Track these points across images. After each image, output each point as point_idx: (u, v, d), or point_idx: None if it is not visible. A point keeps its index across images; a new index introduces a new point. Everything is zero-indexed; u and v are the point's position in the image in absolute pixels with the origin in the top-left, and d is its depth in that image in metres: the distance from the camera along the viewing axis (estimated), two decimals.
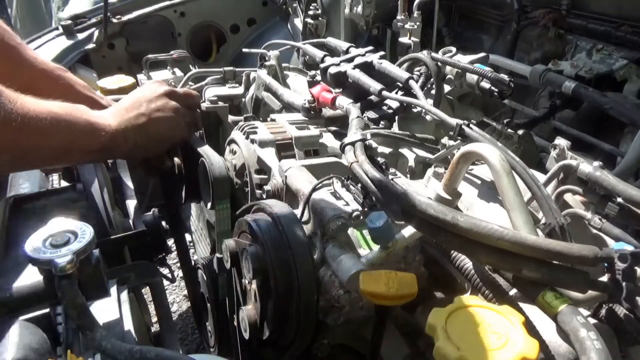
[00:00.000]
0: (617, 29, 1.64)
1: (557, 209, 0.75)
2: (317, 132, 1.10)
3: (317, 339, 0.85)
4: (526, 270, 0.63)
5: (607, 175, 0.80)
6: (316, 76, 1.38)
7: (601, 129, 1.60)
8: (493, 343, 0.53)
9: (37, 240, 0.68)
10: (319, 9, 2.39)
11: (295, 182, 0.90)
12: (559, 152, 0.92)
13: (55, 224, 0.71)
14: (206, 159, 1.08)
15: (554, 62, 1.71)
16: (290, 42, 1.81)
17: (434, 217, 0.67)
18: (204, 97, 1.55)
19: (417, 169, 1.08)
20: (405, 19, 1.90)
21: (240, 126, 1.14)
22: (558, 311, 0.60)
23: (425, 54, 1.27)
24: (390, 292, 0.66)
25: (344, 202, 0.83)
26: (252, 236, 0.82)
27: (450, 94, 1.30)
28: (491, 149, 0.77)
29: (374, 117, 1.19)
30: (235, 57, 2.77)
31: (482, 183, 0.92)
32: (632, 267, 0.59)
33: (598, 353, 0.53)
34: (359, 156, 0.84)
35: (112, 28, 2.46)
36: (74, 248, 0.66)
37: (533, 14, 1.92)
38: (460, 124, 0.99)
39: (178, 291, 2.55)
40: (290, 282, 0.76)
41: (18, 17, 4.38)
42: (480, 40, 2.22)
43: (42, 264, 0.65)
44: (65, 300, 0.64)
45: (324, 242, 0.80)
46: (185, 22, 2.69)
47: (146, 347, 0.61)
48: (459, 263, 0.78)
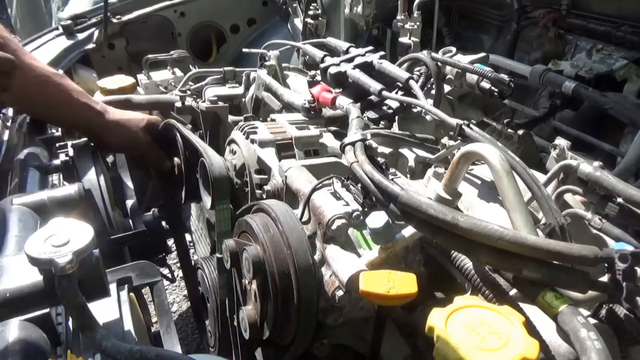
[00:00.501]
0: (617, 29, 1.64)
1: (557, 209, 0.75)
2: (317, 132, 1.10)
3: (317, 339, 0.85)
4: (526, 270, 0.63)
5: (607, 175, 0.80)
6: (316, 76, 1.38)
7: (601, 129, 1.60)
8: (493, 343, 0.53)
9: (37, 240, 0.68)
10: (319, 9, 2.39)
11: (295, 182, 0.90)
12: (559, 152, 0.92)
13: (55, 224, 0.71)
14: (206, 159, 1.08)
15: (554, 62, 1.71)
16: (290, 42, 1.81)
17: (434, 217, 0.67)
18: (204, 97, 1.55)
19: (417, 169, 1.08)
20: (405, 19, 1.90)
21: (240, 126, 1.14)
22: (558, 311, 0.59)
23: (425, 54, 1.27)
24: (390, 292, 0.65)
25: (344, 202, 0.83)
26: (252, 236, 0.82)
27: (450, 94, 1.30)
28: (491, 149, 0.77)
29: (374, 117, 1.19)
30: (235, 57, 2.77)
31: (482, 183, 0.92)
32: (632, 267, 0.59)
33: (598, 353, 0.53)
34: (359, 156, 0.84)
35: (112, 28, 2.46)
36: (74, 248, 0.66)
37: (533, 14, 1.92)
38: (460, 124, 0.99)
39: (178, 291, 2.55)
40: (290, 282, 0.76)
41: (18, 17, 4.38)
42: (480, 40, 2.22)
43: (42, 264, 0.65)
44: (65, 300, 0.64)
45: (324, 242, 0.80)
46: (185, 22, 2.69)
47: (146, 347, 0.61)
48: (459, 263, 0.78)
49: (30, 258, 0.66)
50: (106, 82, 1.75)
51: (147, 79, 1.94)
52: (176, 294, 2.53)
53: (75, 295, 0.65)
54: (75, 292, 0.65)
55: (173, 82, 1.95)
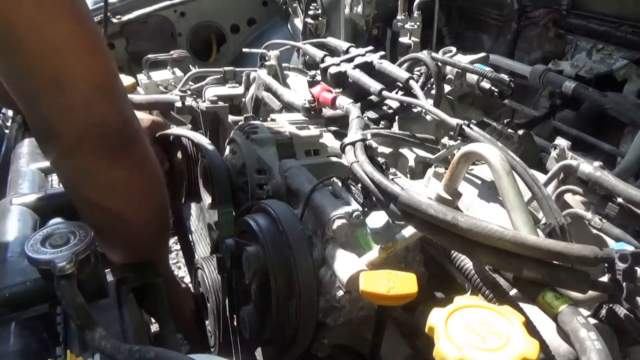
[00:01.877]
0: (617, 29, 1.64)
1: (557, 209, 0.75)
2: (317, 132, 1.10)
3: (317, 339, 0.85)
4: (526, 270, 0.63)
5: (607, 176, 0.80)
6: (316, 76, 1.38)
7: (601, 129, 1.60)
8: (493, 343, 0.53)
9: (37, 241, 0.68)
10: (319, 9, 2.39)
11: (295, 182, 0.90)
12: (559, 152, 0.92)
13: (55, 224, 0.71)
14: (207, 159, 1.08)
15: (554, 62, 1.71)
16: (290, 42, 1.82)
17: (434, 217, 0.67)
18: (204, 97, 1.55)
19: (417, 169, 1.08)
20: (405, 19, 1.90)
21: (240, 126, 1.14)
22: (558, 311, 0.59)
23: (426, 54, 1.27)
24: (390, 292, 0.65)
25: (344, 202, 0.83)
26: (252, 236, 0.82)
27: (450, 94, 1.30)
28: (491, 149, 0.77)
29: (374, 117, 1.19)
30: (235, 57, 2.77)
31: (482, 183, 0.92)
32: (632, 267, 0.58)
33: (598, 353, 0.53)
34: (359, 156, 0.84)
35: (112, 28, 2.46)
36: (74, 248, 0.66)
37: (533, 14, 1.92)
38: (460, 124, 0.99)
39: None
40: (290, 282, 0.76)
41: None
42: (480, 40, 2.22)
43: (42, 264, 0.65)
44: (64, 300, 0.64)
45: (324, 242, 0.80)
46: (185, 22, 2.69)
47: (146, 347, 0.61)
48: (459, 263, 0.78)
49: (30, 258, 0.66)
50: None
51: (147, 79, 1.94)
52: None
53: (74, 295, 0.65)
54: (75, 292, 0.65)
55: (173, 82, 1.95)
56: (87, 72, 0.70)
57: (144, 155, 0.81)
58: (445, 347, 0.53)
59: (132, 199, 0.82)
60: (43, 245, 0.67)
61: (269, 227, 0.80)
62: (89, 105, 0.70)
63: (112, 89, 0.73)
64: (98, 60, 0.72)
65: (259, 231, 0.79)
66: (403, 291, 0.66)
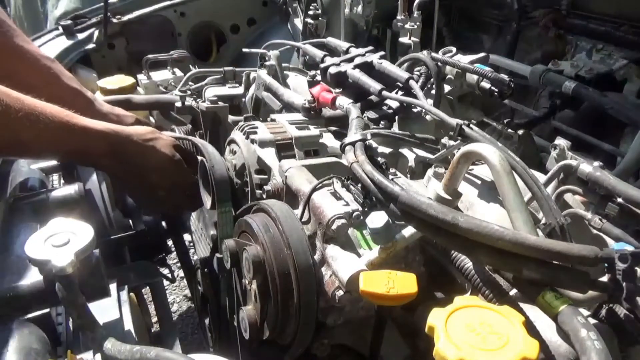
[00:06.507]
0: (617, 29, 1.64)
1: (557, 209, 0.75)
2: (317, 132, 1.10)
3: (317, 339, 0.85)
4: (526, 270, 0.63)
5: (607, 176, 0.80)
6: (316, 76, 1.38)
7: (601, 129, 1.60)
8: (493, 343, 0.53)
9: (37, 241, 0.68)
10: (319, 9, 2.38)
11: (295, 182, 0.90)
12: (559, 152, 0.92)
13: (55, 224, 0.71)
14: (207, 159, 1.08)
15: (554, 62, 1.71)
16: (290, 42, 1.81)
17: (434, 217, 0.67)
18: (204, 97, 1.55)
19: (417, 169, 1.08)
20: (405, 19, 1.90)
21: (240, 126, 1.14)
22: (558, 311, 0.59)
23: (425, 54, 1.27)
24: (390, 292, 0.65)
25: (344, 202, 0.83)
26: (252, 236, 0.82)
27: (450, 94, 1.30)
28: (491, 149, 0.77)
29: (374, 117, 1.19)
30: (235, 57, 2.77)
31: (482, 183, 0.92)
32: (632, 267, 0.59)
33: (598, 353, 0.53)
34: (359, 156, 0.84)
35: (112, 28, 2.46)
36: (74, 248, 0.66)
37: (533, 14, 1.92)
38: (460, 124, 0.99)
39: (178, 291, 2.55)
40: (290, 282, 0.76)
41: (17, 17, 4.38)
42: (480, 40, 2.22)
43: (42, 264, 0.65)
44: (65, 300, 0.64)
45: (324, 242, 0.80)
46: (185, 22, 2.69)
47: (146, 347, 0.61)
48: (459, 263, 0.78)
49: (30, 258, 0.66)
50: (106, 82, 1.75)
51: (147, 79, 1.94)
52: (176, 294, 2.53)
53: (75, 295, 0.65)
54: (76, 292, 0.65)
55: (173, 82, 1.95)
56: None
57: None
58: (445, 347, 0.53)
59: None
60: (43, 245, 0.67)
61: (269, 227, 0.80)
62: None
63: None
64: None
65: (259, 231, 0.79)
66: (403, 291, 0.66)
